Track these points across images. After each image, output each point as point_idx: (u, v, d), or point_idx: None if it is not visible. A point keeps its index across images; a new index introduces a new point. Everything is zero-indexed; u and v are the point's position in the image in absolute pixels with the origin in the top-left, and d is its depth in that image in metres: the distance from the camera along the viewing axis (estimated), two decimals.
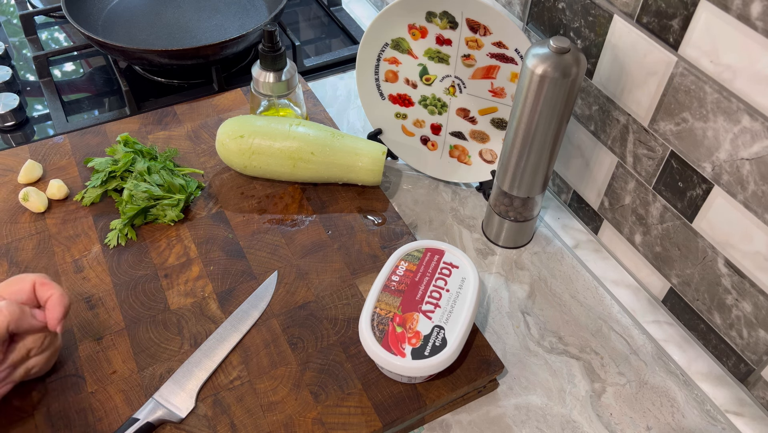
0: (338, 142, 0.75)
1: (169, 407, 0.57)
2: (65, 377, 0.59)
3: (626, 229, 0.72)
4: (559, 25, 0.70)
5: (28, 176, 0.75)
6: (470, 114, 0.77)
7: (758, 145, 0.54)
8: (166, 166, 0.74)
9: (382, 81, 0.80)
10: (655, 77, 0.61)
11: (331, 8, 1.11)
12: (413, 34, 0.74)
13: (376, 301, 0.60)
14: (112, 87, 0.95)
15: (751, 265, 0.59)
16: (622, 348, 0.67)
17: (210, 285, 0.67)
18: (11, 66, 0.97)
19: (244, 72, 0.98)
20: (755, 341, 0.61)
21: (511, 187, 0.70)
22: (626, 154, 0.68)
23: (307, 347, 0.62)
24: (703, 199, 0.61)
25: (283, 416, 0.57)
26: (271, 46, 0.74)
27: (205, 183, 0.77)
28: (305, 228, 0.73)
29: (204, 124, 0.84)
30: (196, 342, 0.62)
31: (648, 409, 0.63)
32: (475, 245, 0.76)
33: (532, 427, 0.61)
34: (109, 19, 0.97)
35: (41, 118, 0.90)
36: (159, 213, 0.71)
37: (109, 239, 0.70)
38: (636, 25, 0.61)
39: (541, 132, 0.63)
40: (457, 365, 0.61)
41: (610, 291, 0.73)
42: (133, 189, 0.70)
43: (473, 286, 0.61)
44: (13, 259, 0.68)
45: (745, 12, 0.51)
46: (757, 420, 0.63)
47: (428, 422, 0.61)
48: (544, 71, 0.58)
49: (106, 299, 0.65)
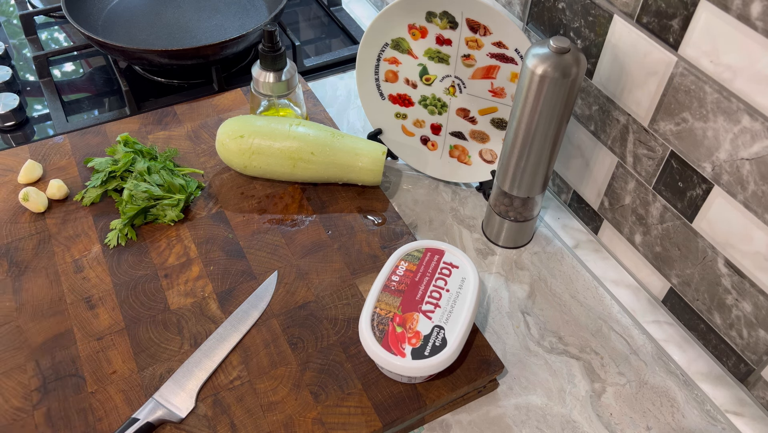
0: (338, 142, 0.75)
1: (169, 407, 0.57)
2: (65, 377, 0.59)
3: (626, 229, 0.72)
4: (559, 25, 0.70)
5: (28, 176, 0.75)
6: (470, 114, 0.77)
7: (758, 145, 0.54)
8: (166, 166, 0.74)
9: (382, 81, 0.80)
10: (655, 77, 0.61)
11: (331, 8, 1.11)
12: (413, 34, 0.74)
13: (376, 301, 0.60)
14: (112, 87, 0.95)
15: (751, 265, 0.59)
16: (622, 348, 0.67)
17: (210, 285, 0.67)
18: (11, 66, 0.97)
19: (244, 72, 0.98)
20: (755, 341, 0.61)
21: (511, 187, 0.70)
22: (626, 154, 0.68)
23: (307, 347, 0.62)
24: (703, 199, 0.61)
25: (283, 416, 0.57)
26: (271, 46, 0.74)
27: (205, 183, 0.77)
28: (305, 228, 0.73)
29: (204, 124, 0.84)
30: (196, 342, 0.62)
31: (648, 409, 0.63)
32: (475, 245, 0.76)
33: (532, 427, 0.61)
34: (109, 19, 0.97)
35: (41, 118, 0.90)
36: (159, 213, 0.71)
37: (109, 239, 0.70)
38: (636, 25, 0.61)
39: (541, 132, 0.63)
40: (457, 365, 0.61)
41: (610, 291, 0.73)
42: (133, 189, 0.70)
43: (473, 286, 0.61)
44: (13, 259, 0.68)
45: (745, 12, 0.51)
46: (757, 420, 0.63)
47: (428, 422, 0.61)
48: (544, 71, 0.58)
49: (106, 299, 0.65)
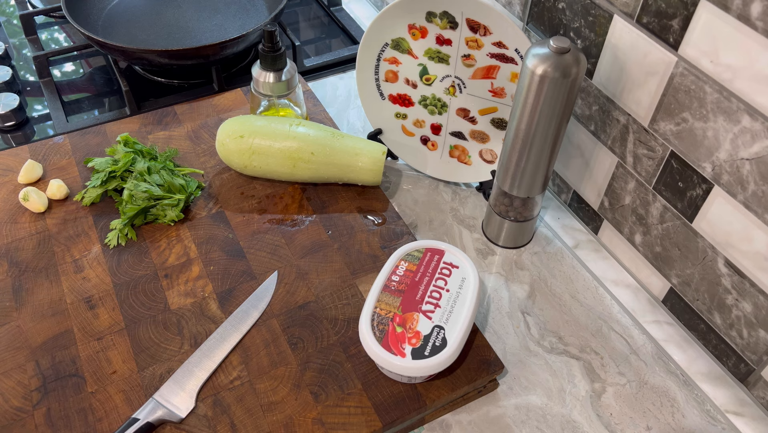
0: (338, 142, 0.75)
1: (169, 407, 0.57)
2: (65, 377, 0.59)
3: (626, 229, 0.72)
4: (559, 25, 0.70)
5: (28, 176, 0.75)
6: (470, 114, 0.77)
7: (758, 145, 0.54)
8: (166, 166, 0.74)
9: (382, 81, 0.80)
10: (655, 77, 0.61)
11: (331, 8, 1.11)
12: (413, 34, 0.74)
13: (376, 301, 0.60)
14: (112, 87, 0.95)
15: (751, 265, 0.59)
16: (622, 348, 0.67)
17: (210, 285, 0.67)
18: (11, 66, 0.97)
19: (244, 72, 0.98)
20: (755, 341, 0.61)
21: (511, 187, 0.70)
22: (626, 154, 0.68)
23: (307, 347, 0.62)
24: (703, 199, 0.61)
25: (283, 416, 0.57)
26: (271, 46, 0.74)
27: (205, 183, 0.77)
28: (305, 228, 0.73)
29: (204, 124, 0.84)
30: (196, 342, 0.62)
31: (648, 409, 0.63)
32: (475, 245, 0.76)
33: (532, 427, 0.61)
34: (109, 19, 0.97)
35: (41, 118, 0.90)
36: (159, 213, 0.71)
37: (109, 239, 0.70)
38: (636, 25, 0.61)
39: (541, 132, 0.63)
40: (457, 365, 0.61)
41: (610, 291, 0.73)
42: (133, 189, 0.70)
43: (473, 286, 0.61)
44: (13, 259, 0.68)
45: (745, 12, 0.51)
46: (757, 420, 0.63)
47: (428, 422, 0.61)
48: (544, 71, 0.58)
49: (106, 299, 0.65)
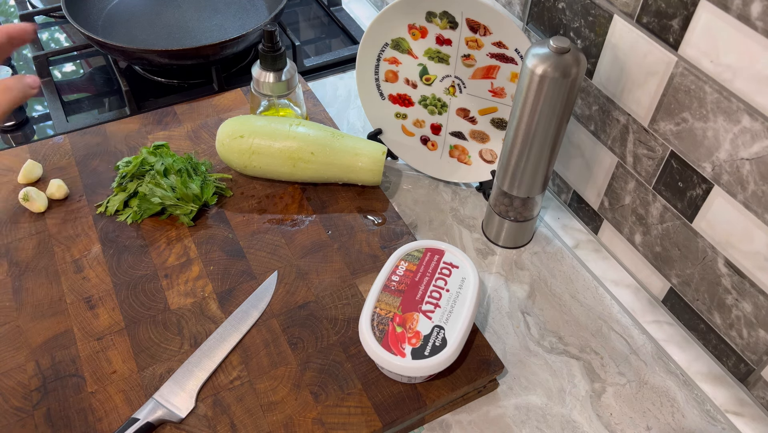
0: (338, 142, 0.75)
1: (169, 407, 0.57)
2: (65, 377, 0.59)
3: (626, 229, 0.72)
4: (559, 25, 0.70)
5: (28, 176, 0.75)
6: (470, 114, 0.77)
7: (758, 145, 0.54)
8: (185, 168, 0.73)
9: (382, 81, 0.80)
10: (655, 77, 0.61)
11: (331, 8, 1.11)
12: (413, 34, 0.74)
13: (376, 301, 0.60)
14: (112, 87, 0.95)
15: (751, 265, 0.59)
16: (622, 348, 0.67)
17: (210, 285, 0.67)
18: (11, 66, 0.97)
19: (244, 72, 0.98)
20: (755, 341, 0.61)
21: (511, 187, 0.70)
22: (626, 154, 0.68)
23: (307, 347, 0.62)
24: (703, 199, 0.61)
25: (283, 416, 0.57)
26: (271, 46, 0.74)
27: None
28: (305, 228, 0.73)
29: (204, 124, 0.84)
30: (196, 342, 0.62)
31: (648, 409, 0.63)
32: (475, 244, 0.76)
33: (532, 427, 0.61)
34: (109, 19, 0.97)
35: (41, 118, 0.90)
36: (174, 211, 0.72)
37: (105, 207, 0.72)
38: (636, 25, 0.61)
39: (541, 132, 0.63)
40: (457, 365, 0.61)
41: (610, 291, 0.73)
42: (148, 193, 0.70)
43: (473, 286, 0.61)
44: (13, 259, 0.68)
45: (745, 12, 0.51)
46: (757, 420, 0.63)
47: (428, 422, 0.61)
48: (544, 71, 0.58)
49: (106, 299, 0.65)
